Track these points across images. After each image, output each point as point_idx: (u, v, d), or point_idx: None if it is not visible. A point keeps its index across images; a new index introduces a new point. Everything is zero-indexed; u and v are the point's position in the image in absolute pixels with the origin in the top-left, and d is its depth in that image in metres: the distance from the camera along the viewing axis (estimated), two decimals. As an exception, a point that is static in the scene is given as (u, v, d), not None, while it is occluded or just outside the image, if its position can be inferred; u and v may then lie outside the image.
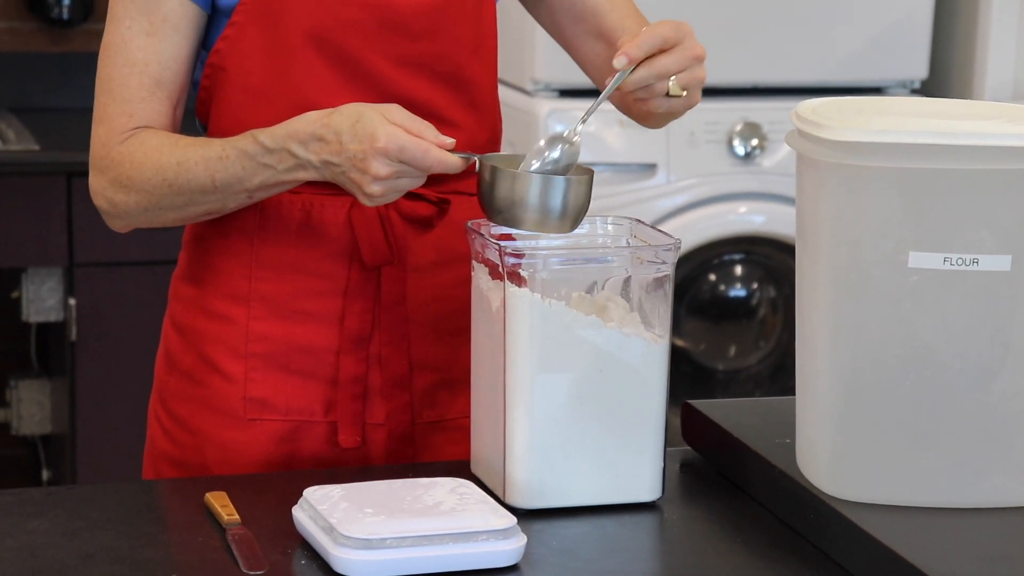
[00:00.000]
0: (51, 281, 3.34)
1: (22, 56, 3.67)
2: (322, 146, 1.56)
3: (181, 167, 1.62)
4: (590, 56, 1.84)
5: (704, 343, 3.48)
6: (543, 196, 1.56)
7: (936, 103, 1.55)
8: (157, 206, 1.65)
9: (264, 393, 1.72)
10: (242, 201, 1.64)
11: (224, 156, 1.61)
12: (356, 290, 1.71)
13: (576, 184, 1.57)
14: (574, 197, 1.57)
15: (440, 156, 1.55)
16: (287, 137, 1.58)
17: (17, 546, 1.45)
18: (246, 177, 1.61)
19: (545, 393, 1.54)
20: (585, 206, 1.59)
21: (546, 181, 1.55)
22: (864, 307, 1.46)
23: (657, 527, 1.55)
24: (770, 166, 3.34)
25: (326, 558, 1.41)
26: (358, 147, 1.54)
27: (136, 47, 1.65)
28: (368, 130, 1.54)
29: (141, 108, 1.65)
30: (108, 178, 1.66)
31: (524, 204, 1.56)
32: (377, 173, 1.54)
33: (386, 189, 1.56)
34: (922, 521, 1.44)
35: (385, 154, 1.53)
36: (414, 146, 1.54)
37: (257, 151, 1.59)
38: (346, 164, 1.55)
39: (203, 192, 1.62)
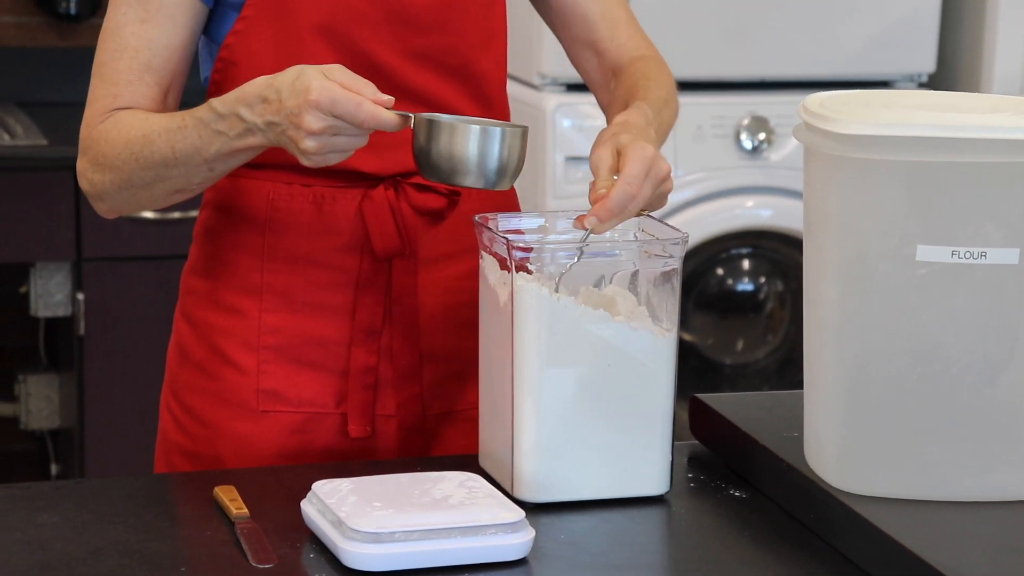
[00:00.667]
0: (59, 276, 3.34)
1: (30, 51, 3.67)
2: (265, 107, 1.55)
3: (146, 140, 1.62)
4: (582, 62, 1.84)
5: (712, 337, 3.48)
6: (481, 147, 1.55)
7: (944, 96, 1.55)
8: (128, 183, 1.65)
9: (276, 385, 1.72)
10: (205, 175, 1.63)
11: (183, 126, 1.60)
12: (367, 282, 1.72)
13: (512, 135, 1.56)
14: (511, 149, 1.56)
15: (373, 111, 1.52)
16: (236, 101, 1.57)
17: (26, 539, 1.45)
18: (203, 146, 1.60)
19: (553, 387, 1.54)
20: (520, 160, 1.58)
21: (483, 132, 1.55)
22: (871, 301, 1.46)
23: (665, 521, 1.55)
24: (777, 160, 3.33)
25: (335, 552, 1.41)
26: (294, 102, 1.53)
27: (129, 33, 1.66)
28: (304, 84, 1.52)
29: (126, 90, 1.66)
30: (88, 158, 1.67)
31: (462, 157, 1.55)
32: (310, 127, 1.52)
33: (320, 145, 1.53)
34: (929, 514, 1.44)
35: (317, 107, 1.52)
36: (347, 99, 1.52)
37: (211, 118, 1.59)
38: (284, 122, 1.54)
39: (165, 165, 1.62)
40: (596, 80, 1.84)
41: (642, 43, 1.83)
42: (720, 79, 3.35)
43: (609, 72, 1.81)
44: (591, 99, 2.72)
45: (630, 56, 1.81)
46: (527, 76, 3.27)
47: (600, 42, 1.81)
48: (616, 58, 1.81)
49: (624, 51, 1.81)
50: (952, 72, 3.53)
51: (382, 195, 1.70)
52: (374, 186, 1.71)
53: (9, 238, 3.25)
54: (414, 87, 1.70)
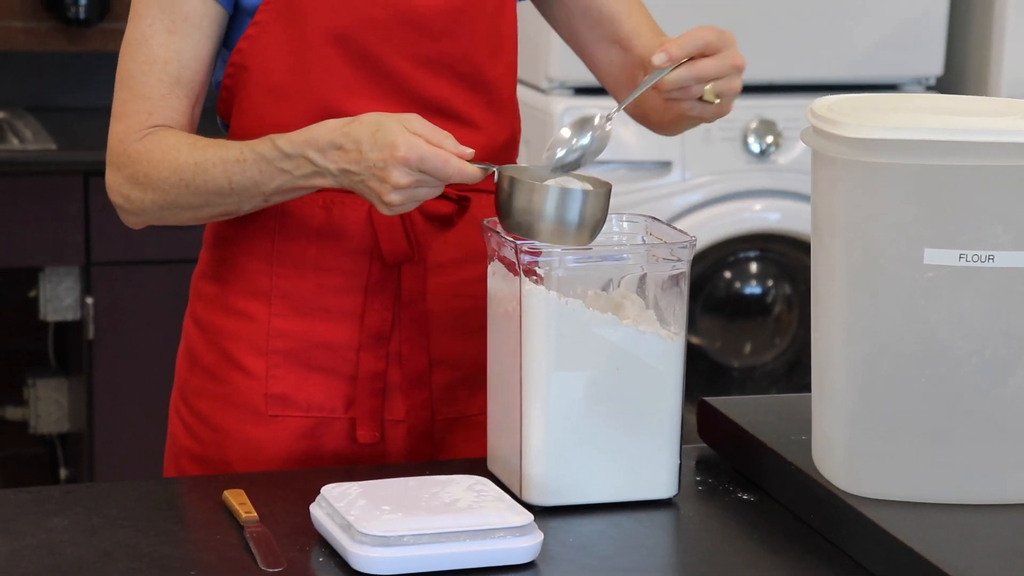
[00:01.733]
0: (68, 280, 3.35)
1: (39, 56, 3.68)
2: (341, 155, 1.56)
3: (199, 168, 1.62)
4: (604, 62, 1.84)
5: (720, 341, 3.48)
6: (560, 208, 1.55)
7: (951, 100, 1.55)
8: (174, 205, 1.65)
9: (285, 389, 1.73)
10: (258, 204, 1.64)
11: (242, 159, 1.61)
12: (376, 287, 1.72)
13: (594, 197, 1.57)
14: (591, 209, 1.57)
15: (460, 166, 1.55)
16: (305, 144, 1.58)
17: (36, 544, 1.45)
18: (263, 181, 1.61)
19: (561, 391, 1.54)
20: (603, 219, 1.58)
21: (564, 193, 1.55)
22: (879, 304, 1.46)
23: (673, 524, 1.56)
24: (785, 163, 3.33)
25: (344, 555, 1.42)
26: (378, 156, 1.54)
27: (157, 44, 1.66)
28: (388, 139, 1.54)
29: (160, 105, 1.66)
30: (125, 175, 1.67)
31: (542, 216, 1.55)
32: (397, 182, 1.54)
33: (405, 198, 1.56)
34: (938, 517, 1.44)
35: (405, 163, 1.53)
36: (434, 156, 1.54)
37: (275, 156, 1.60)
38: (366, 173, 1.55)
39: (220, 194, 1.63)
40: (620, 78, 1.84)
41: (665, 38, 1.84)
42: (728, 82, 3.34)
43: (636, 67, 1.81)
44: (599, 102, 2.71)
45: None
46: (535, 80, 3.27)
47: (628, 38, 1.82)
48: (643, 53, 1.81)
49: (650, 47, 1.81)
50: (960, 75, 3.53)
51: None
52: None
53: (18, 242, 3.25)
54: (425, 93, 1.70)
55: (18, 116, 3.59)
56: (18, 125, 3.53)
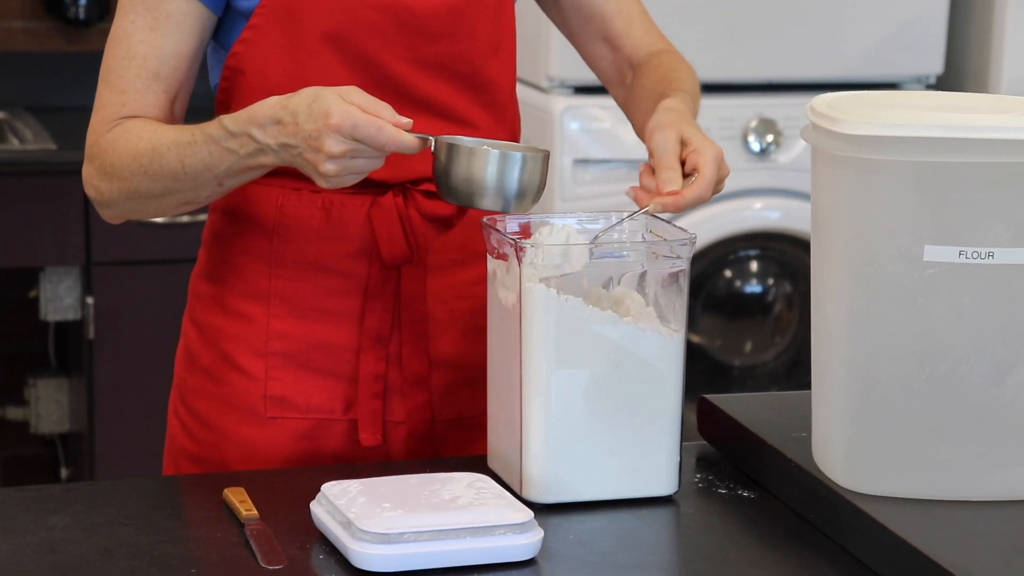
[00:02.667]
0: (68, 280, 3.35)
1: (39, 56, 3.68)
2: (279, 129, 1.56)
3: (155, 152, 1.62)
4: (596, 58, 1.85)
5: (720, 339, 3.48)
6: (500, 172, 1.56)
7: (952, 97, 1.55)
8: (136, 193, 1.65)
9: (284, 391, 1.72)
10: (214, 189, 1.63)
11: (192, 141, 1.61)
12: (376, 288, 1.72)
13: (532, 160, 1.57)
14: (531, 174, 1.57)
15: (394, 134, 1.53)
16: (248, 121, 1.58)
17: (37, 542, 1.45)
18: (213, 163, 1.60)
19: (561, 388, 1.54)
20: (542, 185, 1.59)
21: (503, 157, 1.56)
22: (879, 301, 1.46)
23: (673, 521, 1.56)
24: (785, 162, 3.33)
25: (344, 553, 1.42)
26: (312, 126, 1.53)
27: (137, 40, 1.66)
28: (323, 108, 1.53)
29: (134, 99, 1.66)
30: (95, 166, 1.67)
31: (483, 181, 1.56)
32: (331, 151, 1.53)
33: (340, 168, 1.54)
34: (938, 514, 1.44)
35: (338, 131, 1.52)
36: (367, 123, 1.53)
37: (221, 135, 1.59)
38: (302, 144, 1.54)
39: (175, 178, 1.62)
40: (611, 76, 1.85)
41: (658, 39, 1.84)
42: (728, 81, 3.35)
43: (625, 66, 1.82)
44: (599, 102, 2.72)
45: (647, 50, 1.82)
46: (535, 79, 3.27)
47: (616, 37, 1.82)
48: (632, 52, 1.82)
49: (640, 46, 1.82)
50: (960, 74, 3.53)
51: (391, 202, 1.70)
52: (383, 193, 1.71)
53: (19, 242, 3.26)
54: (423, 95, 1.70)
55: (18, 116, 3.59)
56: (18, 125, 3.53)
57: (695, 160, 1.61)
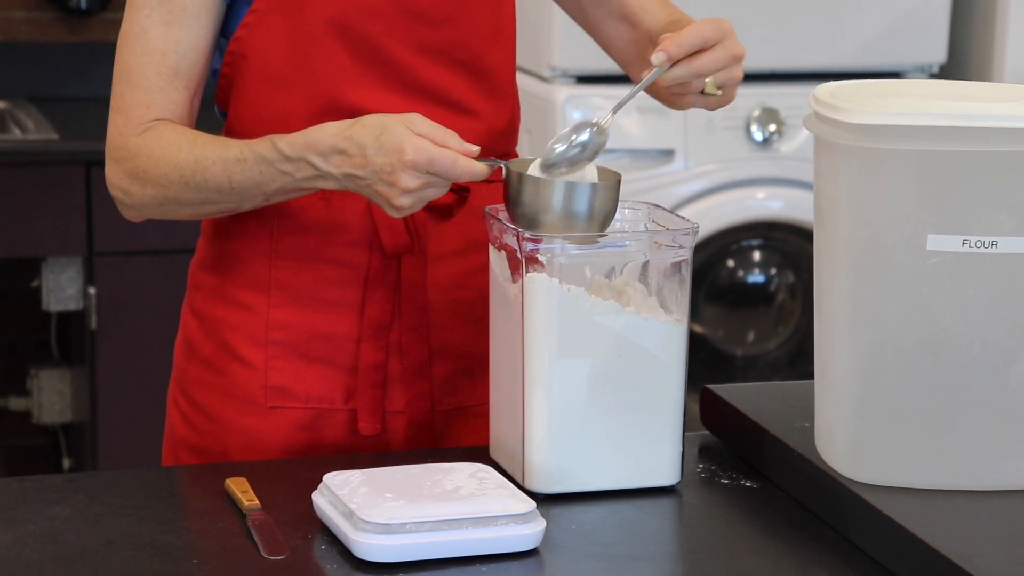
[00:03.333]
0: (71, 270, 3.35)
1: (40, 46, 3.68)
2: (344, 159, 1.56)
3: (199, 165, 1.62)
4: (613, 38, 1.84)
5: (723, 329, 3.47)
6: (568, 202, 1.55)
7: (955, 86, 1.55)
8: (173, 201, 1.65)
9: (284, 381, 1.72)
10: (258, 203, 1.64)
11: (242, 159, 1.60)
12: (376, 278, 1.71)
13: (602, 189, 1.56)
14: (600, 202, 1.56)
15: (468, 166, 1.54)
16: (306, 148, 1.57)
17: (39, 532, 1.45)
18: (264, 182, 1.60)
19: (564, 378, 1.54)
20: (612, 210, 1.58)
21: (570, 187, 1.55)
22: (882, 290, 1.46)
23: (676, 511, 1.55)
24: (788, 151, 3.33)
25: (346, 543, 1.42)
26: (385, 160, 1.53)
27: (155, 36, 1.65)
28: (395, 143, 1.53)
29: (159, 98, 1.65)
30: (124, 169, 1.66)
31: (549, 210, 1.55)
32: (407, 186, 1.53)
33: (414, 201, 1.55)
34: (941, 504, 1.44)
35: (414, 167, 1.53)
36: (442, 157, 1.53)
37: (276, 158, 1.59)
38: (372, 177, 1.55)
39: (220, 192, 1.62)
40: (630, 55, 1.83)
41: (672, 9, 1.83)
42: (730, 71, 3.34)
43: (645, 42, 1.81)
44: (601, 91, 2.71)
45: (664, 22, 1.80)
46: (537, 68, 3.27)
47: (634, 14, 1.81)
48: (651, 27, 1.80)
49: (658, 19, 1.80)
50: (963, 63, 3.53)
51: None
52: None
53: (21, 233, 3.25)
54: (425, 81, 1.70)
55: (20, 106, 3.58)
56: (20, 115, 3.52)
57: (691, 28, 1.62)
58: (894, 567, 1.39)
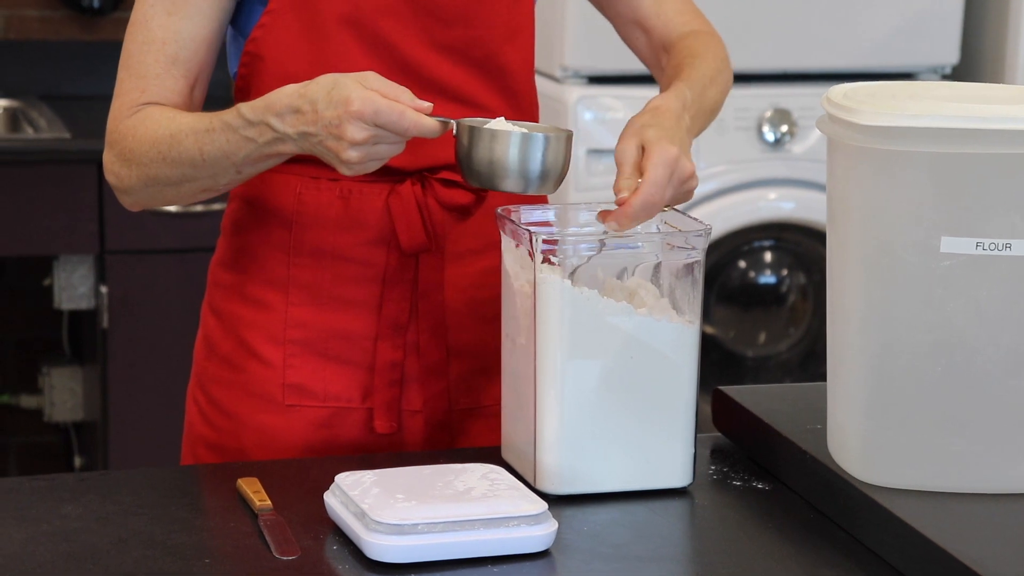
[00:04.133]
0: (82, 268, 3.36)
1: (53, 44, 3.68)
2: (298, 118, 1.55)
3: (173, 139, 1.62)
4: (632, 42, 1.85)
5: (734, 330, 3.47)
6: (523, 154, 1.55)
7: (969, 87, 1.54)
8: (155, 180, 1.65)
9: (302, 379, 1.72)
10: (232, 177, 1.63)
11: (211, 128, 1.61)
12: (394, 277, 1.72)
13: (555, 141, 1.56)
14: (553, 155, 1.56)
15: (416, 119, 1.53)
16: (265, 110, 1.57)
17: (51, 531, 1.46)
18: (231, 151, 1.60)
19: (576, 380, 1.54)
20: (565, 166, 1.58)
21: (525, 139, 1.55)
22: (895, 292, 1.45)
23: (688, 513, 1.55)
24: (800, 152, 3.33)
25: (358, 543, 1.42)
26: (333, 113, 1.53)
27: (156, 25, 1.66)
28: (343, 95, 1.52)
29: (154, 84, 1.66)
30: (115, 152, 1.67)
31: (504, 164, 1.55)
32: (353, 138, 1.52)
33: (363, 155, 1.54)
34: (954, 507, 1.44)
35: (360, 117, 1.52)
36: (389, 109, 1.52)
37: (239, 124, 1.59)
38: (322, 132, 1.54)
39: (193, 165, 1.62)
40: (648, 59, 1.84)
41: (692, 18, 1.82)
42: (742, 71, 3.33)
43: (660, 49, 1.81)
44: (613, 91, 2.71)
45: (679, 32, 1.80)
46: (549, 69, 3.27)
47: (647, 19, 1.81)
48: (664, 34, 1.80)
49: (672, 27, 1.80)
50: (976, 64, 3.52)
51: (409, 190, 1.70)
52: (401, 181, 1.71)
53: (33, 231, 3.26)
54: (439, 80, 1.70)
55: (32, 105, 3.59)
56: (32, 114, 3.53)
57: (645, 164, 1.57)
58: (906, 569, 1.39)
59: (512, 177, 1.55)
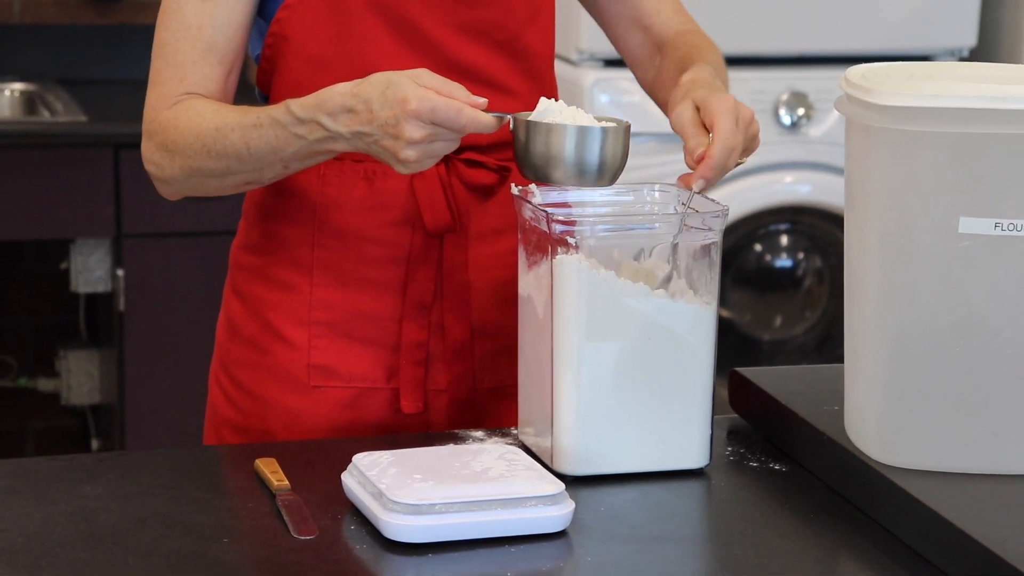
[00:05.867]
0: (99, 252, 3.36)
1: (69, 28, 3.68)
2: (351, 117, 1.55)
3: (219, 132, 1.62)
4: (625, 39, 1.86)
5: (750, 313, 3.47)
6: (579, 148, 1.54)
7: (987, 68, 1.54)
8: (198, 172, 1.65)
9: (327, 360, 1.73)
10: (278, 171, 1.63)
11: (259, 124, 1.60)
12: (418, 257, 1.72)
13: (613, 134, 1.55)
14: (611, 148, 1.55)
15: (473, 115, 1.53)
16: (316, 108, 1.57)
17: (70, 511, 1.46)
18: (279, 147, 1.60)
19: (593, 361, 1.54)
20: (624, 158, 1.57)
21: (582, 132, 1.54)
22: (913, 273, 1.45)
23: (705, 494, 1.55)
24: (817, 135, 3.32)
25: (375, 523, 1.42)
26: (389, 113, 1.52)
27: (191, 11, 1.66)
28: (399, 95, 1.52)
29: (192, 72, 1.66)
30: (155, 142, 1.67)
31: (560, 158, 1.54)
32: (411, 137, 1.52)
33: (420, 154, 1.53)
34: (971, 487, 1.44)
35: (417, 116, 1.51)
36: (446, 106, 1.52)
37: (289, 120, 1.59)
38: (378, 132, 1.53)
39: (239, 159, 1.62)
40: (641, 57, 1.85)
41: (685, 19, 1.85)
42: (759, 54, 3.34)
43: (654, 47, 1.83)
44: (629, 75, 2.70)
45: (674, 31, 1.82)
46: (565, 51, 3.26)
47: (646, 17, 1.82)
48: (661, 32, 1.82)
49: (669, 26, 1.82)
50: (993, 46, 3.51)
51: (433, 171, 1.70)
52: None
53: (49, 215, 3.27)
54: (463, 61, 1.70)
55: (49, 89, 3.59)
56: (49, 98, 3.54)
57: (708, 119, 1.60)
58: (924, 550, 1.39)
59: (568, 171, 1.54)
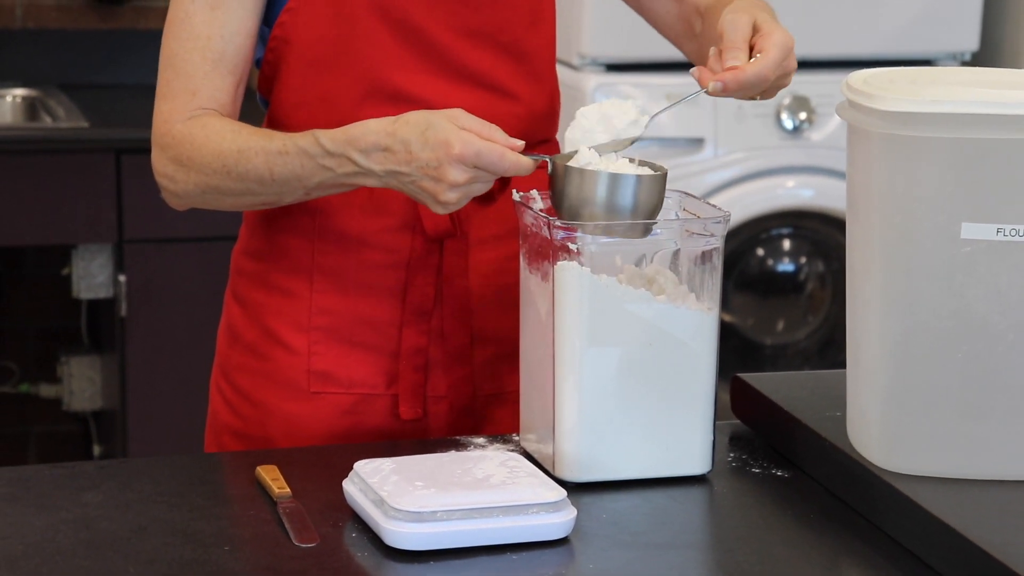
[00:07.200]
0: (101, 258, 3.36)
1: (71, 33, 3.68)
2: (387, 156, 1.55)
3: (241, 155, 1.62)
4: (660, 14, 1.84)
5: (752, 318, 3.46)
6: (612, 193, 1.54)
7: (989, 73, 1.54)
8: (215, 190, 1.65)
9: (327, 366, 1.73)
10: (299, 197, 1.63)
11: (284, 151, 1.60)
12: (418, 263, 1.72)
13: (648, 181, 1.55)
14: (645, 194, 1.55)
15: (515, 159, 1.53)
16: (347, 143, 1.57)
17: (71, 518, 1.46)
18: (304, 175, 1.60)
19: (594, 367, 1.53)
20: (659, 203, 1.57)
21: (614, 178, 1.54)
22: (916, 278, 1.45)
23: (707, 500, 1.55)
24: (818, 140, 3.32)
25: (377, 531, 1.42)
26: (431, 155, 1.53)
27: (200, 22, 1.65)
28: (441, 137, 1.52)
29: (204, 84, 1.65)
30: (168, 156, 1.66)
31: (593, 202, 1.54)
32: (455, 180, 1.53)
33: (460, 196, 1.54)
34: (974, 494, 1.43)
35: (461, 160, 1.52)
36: (490, 151, 1.52)
37: (317, 152, 1.59)
38: (417, 173, 1.54)
39: (260, 183, 1.62)
40: (679, 30, 1.83)
41: None
42: (761, 58, 3.33)
43: (693, 15, 1.80)
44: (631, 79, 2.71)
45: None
46: (567, 56, 3.26)
47: None
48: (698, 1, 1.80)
49: None
50: (995, 51, 3.50)
51: None
52: None
53: (51, 220, 3.27)
54: (467, 64, 1.70)
55: (50, 94, 3.59)
56: (50, 103, 3.54)
57: (762, 43, 1.61)
58: (926, 556, 1.39)
59: (602, 215, 1.54)
